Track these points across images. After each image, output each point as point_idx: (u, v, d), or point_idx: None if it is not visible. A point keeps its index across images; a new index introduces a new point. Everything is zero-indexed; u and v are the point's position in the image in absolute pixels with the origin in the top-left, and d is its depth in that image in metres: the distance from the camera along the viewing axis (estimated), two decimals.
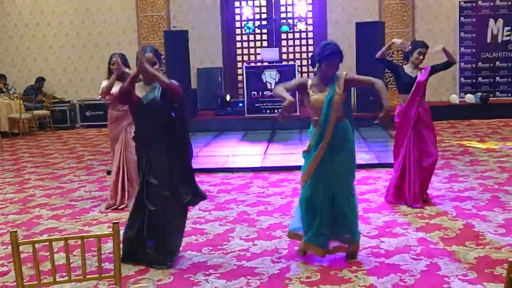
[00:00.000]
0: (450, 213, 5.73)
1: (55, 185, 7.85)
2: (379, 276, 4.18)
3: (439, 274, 4.20)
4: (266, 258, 4.68)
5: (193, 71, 14.02)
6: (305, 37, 14.85)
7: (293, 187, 7.10)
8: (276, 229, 5.45)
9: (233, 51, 14.93)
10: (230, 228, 5.54)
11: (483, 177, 7.25)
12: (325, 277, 4.22)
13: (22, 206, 6.73)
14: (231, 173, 8.13)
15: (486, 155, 8.69)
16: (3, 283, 4.33)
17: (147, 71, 4.46)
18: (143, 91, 4.59)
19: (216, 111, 13.23)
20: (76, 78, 15.06)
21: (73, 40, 15.06)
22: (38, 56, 15.23)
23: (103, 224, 5.85)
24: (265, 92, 12.49)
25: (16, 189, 7.65)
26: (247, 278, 4.25)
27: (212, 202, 6.51)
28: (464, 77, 14.03)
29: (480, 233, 5.08)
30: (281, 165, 8.50)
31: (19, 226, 5.91)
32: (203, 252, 4.89)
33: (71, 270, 2.44)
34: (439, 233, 5.14)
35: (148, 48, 4.63)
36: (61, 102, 14.68)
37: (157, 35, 14.52)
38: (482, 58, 13.94)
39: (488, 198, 6.27)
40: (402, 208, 5.98)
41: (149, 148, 4.58)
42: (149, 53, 4.56)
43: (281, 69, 12.62)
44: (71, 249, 4.21)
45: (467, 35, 13.92)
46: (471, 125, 12.16)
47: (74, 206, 6.66)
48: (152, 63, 4.53)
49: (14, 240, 2.27)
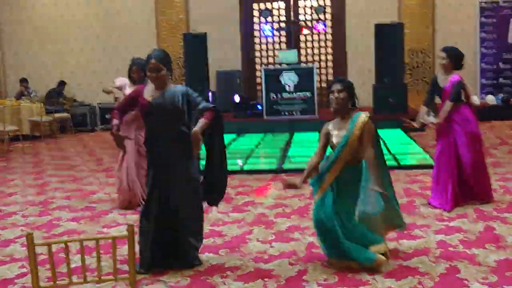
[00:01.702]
0: (471, 216, 5.67)
1: (74, 187, 7.91)
2: (397, 279, 4.15)
3: (459, 277, 4.15)
4: (283, 260, 4.67)
5: (212, 73, 14.04)
6: (323, 39, 14.80)
7: (311, 189, 7.06)
8: (294, 231, 5.43)
9: (251, 53, 14.93)
10: (247, 230, 5.53)
11: (504, 179, 7.17)
12: (343, 280, 4.19)
13: (42, 208, 6.80)
14: (249, 175, 8.13)
15: (508, 157, 8.58)
16: (23, 284, 4.37)
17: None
18: (152, 95, 4.59)
19: (234, 114, 13.24)
20: (95, 81, 15.17)
21: (92, 44, 15.19)
22: (58, 60, 15.38)
23: (121, 226, 5.88)
24: (284, 94, 12.46)
25: (37, 192, 7.73)
26: (264, 280, 4.24)
27: (230, 204, 6.51)
28: (485, 78, 13.87)
29: (501, 236, 5.02)
30: (300, 167, 8.46)
31: (39, 228, 5.97)
32: (220, 254, 4.90)
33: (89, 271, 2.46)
34: (459, 235, 5.08)
35: (153, 55, 4.54)
36: (82, 105, 14.81)
37: (176, 38, 14.58)
38: (503, 59, 13.77)
39: (509, 200, 6.19)
40: (421, 210, 5.93)
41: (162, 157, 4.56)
42: (152, 60, 4.48)
43: (299, 71, 12.59)
44: (89, 251, 4.23)
45: (488, 35, 13.77)
46: (492, 127, 12.02)
47: (93, 208, 6.71)
48: (158, 69, 4.50)
49: (30, 242, 2.29)
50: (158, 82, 4.55)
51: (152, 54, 4.57)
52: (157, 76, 4.52)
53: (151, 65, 4.50)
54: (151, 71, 4.51)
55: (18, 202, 7.13)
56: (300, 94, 12.41)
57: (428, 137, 10.65)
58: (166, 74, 4.55)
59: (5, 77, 15.71)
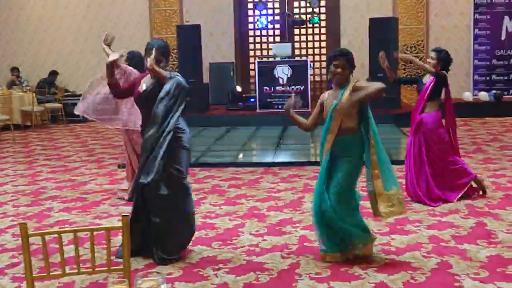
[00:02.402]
0: (462, 211, 5.69)
1: (66, 177, 7.88)
2: (389, 274, 4.15)
3: (450, 272, 4.16)
4: (275, 253, 4.67)
5: (205, 65, 14.00)
6: (318, 32, 14.79)
7: (304, 183, 7.08)
8: (286, 224, 5.43)
9: (245, 46, 14.90)
10: (240, 223, 5.53)
11: (496, 175, 7.19)
12: (335, 274, 4.19)
13: (33, 198, 6.76)
14: (242, 168, 8.12)
15: (499, 154, 8.61)
16: (13, 275, 4.34)
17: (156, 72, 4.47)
18: (147, 84, 4.61)
19: (227, 106, 13.21)
20: (88, 72, 15.07)
21: (86, 34, 15.10)
22: (51, 49, 15.29)
23: (113, 218, 5.86)
24: (277, 88, 12.46)
25: (28, 181, 7.68)
26: (256, 273, 4.24)
27: (223, 197, 6.50)
28: (478, 75, 13.91)
29: (492, 232, 5.04)
30: (293, 160, 8.48)
31: (30, 218, 5.93)
32: (213, 246, 4.89)
33: (81, 262, 2.44)
34: (451, 231, 5.10)
35: (154, 45, 4.55)
36: (74, 96, 14.72)
37: (169, 29, 14.52)
38: (497, 56, 13.81)
39: (500, 196, 6.22)
40: (413, 206, 5.94)
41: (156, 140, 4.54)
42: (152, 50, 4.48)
43: (293, 64, 12.59)
44: (82, 242, 4.21)
45: (482, 32, 13.80)
46: (484, 123, 12.07)
47: (85, 199, 6.68)
48: (157, 62, 4.49)
49: (24, 232, 2.27)
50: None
51: (152, 44, 4.58)
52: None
53: (151, 54, 4.48)
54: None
55: (9, 192, 7.09)
56: (293, 88, 12.40)
57: None
58: (164, 66, 4.56)
59: None
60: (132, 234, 4.52)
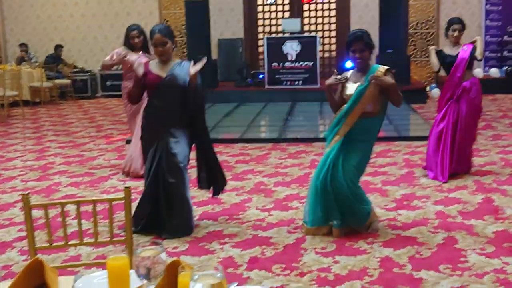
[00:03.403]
0: (470, 187, 5.66)
1: (74, 153, 7.90)
2: (395, 248, 4.15)
3: (456, 247, 4.15)
4: (282, 228, 4.67)
5: (214, 42, 13.92)
6: (327, 8, 14.64)
7: (311, 159, 7.06)
8: (292, 200, 5.43)
9: (254, 22, 14.79)
10: (246, 198, 5.53)
11: (505, 152, 7.14)
12: (341, 248, 4.20)
13: (41, 173, 6.80)
14: (250, 144, 8.11)
15: (509, 130, 8.54)
16: (21, 248, 4.38)
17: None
18: (161, 70, 4.55)
19: (236, 82, 13.15)
20: (96, 48, 15.08)
21: (94, 9, 15.04)
22: (59, 25, 15.26)
23: (121, 192, 5.86)
24: (286, 64, 12.37)
25: (36, 157, 7.72)
26: (262, 248, 4.25)
27: (230, 172, 6.49)
28: (489, 51, 13.74)
29: (500, 208, 5.01)
30: (300, 136, 8.46)
31: (38, 192, 5.97)
32: (219, 221, 4.90)
33: (86, 236, 2.46)
34: (458, 206, 5.08)
35: (157, 29, 4.50)
36: (82, 72, 14.73)
37: (178, 5, 14.42)
38: (508, 32, 13.62)
39: (509, 172, 6.18)
40: (421, 181, 5.91)
41: (164, 131, 4.53)
42: (157, 34, 4.45)
43: (302, 40, 12.48)
44: (88, 215, 4.23)
45: (493, 7, 13.59)
46: (494, 99, 11.96)
47: (93, 174, 6.70)
48: (163, 43, 4.47)
49: (26, 203, 2.28)
50: (165, 56, 4.53)
51: (155, 28, 4.55)
52: (164, 50, 4.50)
53: (156, 40, 4.47)
54: (156, 45, 4.49)
55: (18, 167, 7.12)
56: (302, 64, 12.31)
57: (430, 109, 10.61)
58: (171, 47, 4.53)
59: (5, 41, 15.60)
60: (145, 205, 4.60)
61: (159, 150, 4.54)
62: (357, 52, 4.36)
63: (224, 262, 4.01)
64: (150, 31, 4.56)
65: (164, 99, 4.53)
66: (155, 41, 4.47)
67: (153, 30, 4.53)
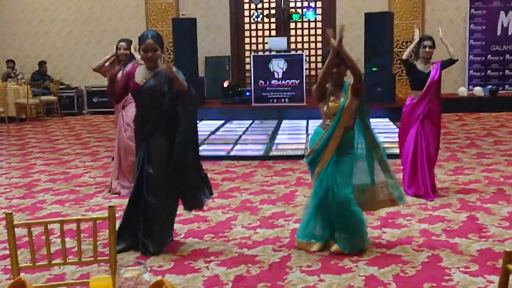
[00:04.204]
0: (454, 205, 5.70)
1: (60, 170, 7.86)
2: (380, 267, 4.16)
3: (441, 265, 4.18)
4: (267, 246, 4.67)
5: (201, 59, 13.97)
6: (313, 26, 14.76)
7: (297, 177, 7.08)
8: (278, 217, 5.43)
9: (241, 39, 14.86)
10: (232, 216, 5.53)
11: (489, 170, 7.21)
12: (326, 266, 4.20)
13: (26, 190, 6.75)
14: (236, 161, 8.12)
15: (493, 149, 8.63)
16: (5, 266, 4.34)
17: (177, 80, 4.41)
18: (143, 77, 4.54)
19: (222, 100, 13.18)
20: (83, 64, 15.05)
21: (81, 26, 15.04)
22: (46, 41, 15.22)
23: (106, 210, 5.84)
24: (273, 81, 12.43)
25: (22, 174, 7.67)
26: (248, 266, 4.25)
27: (216, 190, 6.47)
28: (473, 70, 13.93)
29: (484, 226, 5.05)
30: (287, 154, 8.48)
31: (23, 210, 5.93)
32: (205, 239, 4.89)
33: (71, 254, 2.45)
34: (442, 225, 5.11)
35: (149, 34, 4.49)
36: (69, 88, 14.69)
37: (165, 22, 14.48)
38: (492, 51, 13.82)
39: (493, 191, 6.23)
40: (407, 199, 5.94)
41: (149, 136, 4.54)
42: (149, 39, 4.44)
43: (289, 58, 12.56)
44: (73, 233, 4.20)
45: (477, 27, 13.80)
46: (479, 118, 12.08)
47: (78, 191, 6.67)
48: (154, 49, 4.48)
49: (9, 222, 2.27)
50: (153, 62, 4.51)
51: (147, 33, 4.52)
52: (153, 56, 4.47)
53: (148, 44, 4.44)
54: (147, 50, 4.44)
55: (2, 184, 7.07)
56: (288, 82, 12.38)
57: None
58: (160, 55, 4.53)
59: None
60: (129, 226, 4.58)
61: (141, 159, 4.56)
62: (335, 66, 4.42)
63: (210, 280, 4.00)
64: (141, 35, 4.51)
65: (145, 106, 4.55)
66: (146, 45, 4.44)
67: (144, 34, 4.50)
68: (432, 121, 6.10)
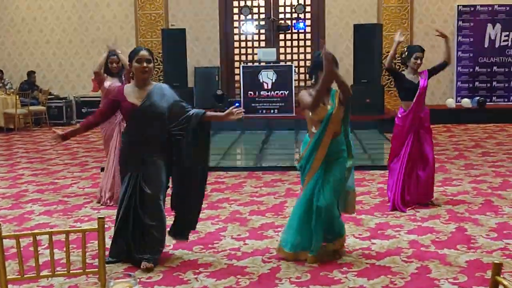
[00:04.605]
0: (443, 217, 5.72)
1: (48, 181, 7.82)
2: (369, 278, 4.17)
3: (430, 277, 4.19)
4: (257, 257, 4.66)
5: (190, 70, 13.98)
6: (303, 38, 14.82)
7: (286, 188, 7.09)
8: (268, 229, 5.43)
9: (230, 50, 14.90)
10: (222, 227, 5.52)
11: (477, 181, 7.25)
12: (315, 278, 4.20)
13: (14, 201, 6.70)
14: (225, 172, 8.11)
15: (481, 160, 8.68)
16: None
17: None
18: (138, 96, 4.48)
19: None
20: (72, 74, 15.03)
21: (70, 36, 15.01)
22: (35, 51, 15.17)
23: (95, 221, 5.80)
24: (262, 92, 12.46)
25: (9, 184, 7.62)
26: (237, 277, 4.24)
27: (205, 201, 6.45)
28: (461, 81, 14.03)
29: (472, 237, 5.07)
30: (276, 165, 8.48)
31: (11, 221, 5.88)
32: (194, 250, 4.87)
33: (60, 265, 2.43)
34: (431, 236, 5.13)
35: (142, 47, 4.62)
36: (57, 98, 14.62)
37: (155, 33, 14.48)
38: (480, 63, 13.94)
39: (481, 202, 6.26)
40: (395, 210, 5.96)
41: (144, 161, 4.48)
42: (143, 51, 4.49)
43: (278, 69, 12.60)
44: (60, 245, 4.18)
45: (465, 39, 13.92)
46: (467, 129, 12.16)
47: (67, 202, 6.63)
48: (148, 60, 4.47)
49: None
50: (146, 76, 4.48)
51: (139, 47, 4.61)
52: (147, 67, 4.45)
53: (142, 56, 4.45)
54: (141, 62, 4.43)
55: None
56: (278, 93, 12.41)
57: None
58: (153, 69, 4.54)
59: None
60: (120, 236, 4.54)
61: (132, 183, 4.49)
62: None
63: None
64: (134, 50, 4.56)
65: (142, 126, 4.46)
66: (142, 56, 4.43)
67: (137, 48, 4.59)
68: (426, 130, 6.14)
